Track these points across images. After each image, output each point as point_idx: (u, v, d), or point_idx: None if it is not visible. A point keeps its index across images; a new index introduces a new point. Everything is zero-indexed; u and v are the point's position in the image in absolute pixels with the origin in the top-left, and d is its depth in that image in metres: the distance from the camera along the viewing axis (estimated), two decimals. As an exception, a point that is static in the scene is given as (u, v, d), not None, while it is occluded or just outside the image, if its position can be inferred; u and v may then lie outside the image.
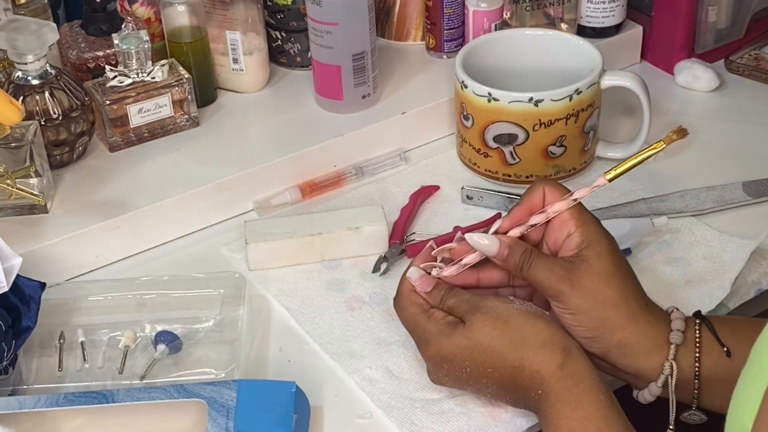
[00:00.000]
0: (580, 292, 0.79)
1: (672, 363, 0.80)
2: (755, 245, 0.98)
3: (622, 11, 1.25)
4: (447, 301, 0.82)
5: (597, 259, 0.80)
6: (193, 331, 0.92)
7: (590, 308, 0.79)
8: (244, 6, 1.15)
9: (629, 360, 0.80)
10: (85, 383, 0.88)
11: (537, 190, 0.83)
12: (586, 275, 0.80)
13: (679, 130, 0.83)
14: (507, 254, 0.81)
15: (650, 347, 0.80)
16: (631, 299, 0.81)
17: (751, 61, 1.27)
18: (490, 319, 0.79)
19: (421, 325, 0.82)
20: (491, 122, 1.06)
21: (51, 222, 1.01)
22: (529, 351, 0.78)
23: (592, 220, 0.82)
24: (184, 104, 1.11)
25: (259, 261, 1.01)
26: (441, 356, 0.81)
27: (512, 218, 0.83)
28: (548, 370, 0.77)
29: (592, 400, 0.76)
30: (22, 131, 0.99)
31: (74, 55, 1.12)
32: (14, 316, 0.86)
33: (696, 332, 0.81)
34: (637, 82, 1.08)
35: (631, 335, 0.80)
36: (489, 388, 0.81)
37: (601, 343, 0.80)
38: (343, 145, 1.12)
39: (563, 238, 0.82)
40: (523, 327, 0.79)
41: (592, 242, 0.81)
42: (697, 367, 0.80)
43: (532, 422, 0.84)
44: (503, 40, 1.14)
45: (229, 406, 0.79)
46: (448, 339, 0.80)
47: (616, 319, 0.80)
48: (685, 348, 0.80)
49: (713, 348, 0.80)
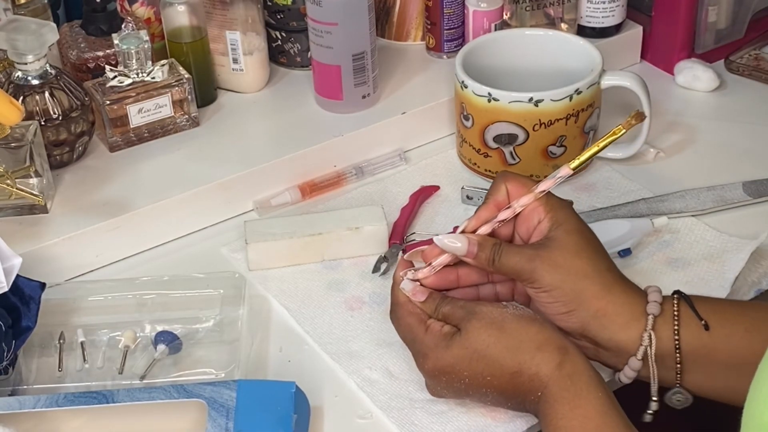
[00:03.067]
0: (552, 267, 0.80)
1: (651, 333, 0.79)
2: (755, 245, 0.98)
3: (622, 11, 1.25)
4: (442, 309, 0.82)
5: (566, 236, 0.81)
6: (193, 331, 0.92)
7: (563, 281, 0.80)
8: (244, 6, 1.15)
9: (608, 332, 0.80)
10: (85, 383, 0.88)
11: (500, 188, 0.84)
12: (555, 250, 0.80)
13: (637, 114, 0.84)
14: (477, 251, 0.82)
15: (628, 317, 0.80)
16: (604, 270, 0.81)
17: (751, 61, 1.27)
18: (485, 326, 0.79)
19: (419, 338, 0.82)
20: (491, 122, 1.06)
21: (51, 222, 1.01)
22: (525, 355, 0.78)
23: (560, 203, 0.83)
24: (184, 104, 1.11)
25: (259, 261, 1.01)
26: (439, 369, 0.81)
27: (478, 217, 0.84)
28: (546, 371, 0.77)
29: (590, 399, 0.76)
30: (22, 131, 0.99)
31: (74, 55, 1.12)
32: (14, 316, 0.86)
33: (674, 305, 0.81)
34: (637, 82, 1.08)
35: (608, 305, 0.80)
36: (489, 397, 0.81)
37: (578, 316, 0.80)
38: (343, 145, 1.12)
39: (534, 224, 0.83)
40: (518, 331, 0.79)
41: (561, 223, 0.82)
42: (676, 340, 0.80)
43: (532, 422, 0.84)
44: (503, 40, 1.14)
45: (229, 406, 0.79)
46: (446, 351, 0.80)
47: (591, 288, 0.80)
48: (663, 319, 0.80)
49: (692, 321, 0.80)
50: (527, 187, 0.83)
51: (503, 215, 0.83)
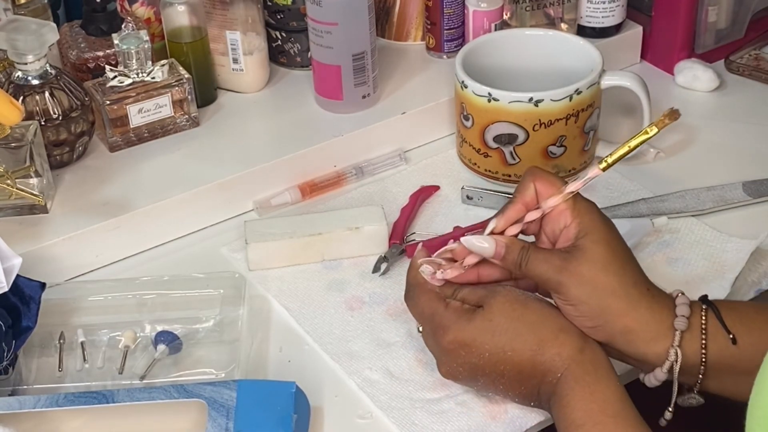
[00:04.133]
0: (579, 282, 0.79)
1: (677, 350, 0.79)
2: (755, 245, 0.98)
3: (622, 11, 1.25)
4: (460, 292, 0.83)
5: (593, 248, 0.80)
6: (193, 331, 0.92)
7: (590, 297, 0.79)
8: (244, 6, 1.15)
9: (634, 347, 0.80)
10: (85, 383, 0.88)
11: (528, 186, 0.83)
12: (583, 264, 0.79)
13: (671, 113, 0.81)
14: (504, 253, 0.81)
15: (654, 333, 0.80)
16: (630, 286, 0.80)
17: (751, 61, 1.27)
18: (510, 301, 0.80)
19: (439, 312, 0.82)
20: (491, 122, 1.06)
21: (51, 222, 1.01)
22: (549, 333, 0.79)
23: (588, 208, 0.82)
24: (184, 104, 1.11)
25: (259, 261, 1.01)
26: (459, 341, 0.80)
27: (507, 216, 0.83)
28: (568, 352, 0.78)
29: (609, 385, 0.77)
30: (22, 131, 0.99)
31: (74, 55, 1.12)
32: (14, 316, 0.86)
33: (702, 318, 0.80)
34: (637, 82, 1.08)
35: (634, 322, 0.79)
36: (504, 378, 0.80)
37: (604, 332, 0.80)
38: (343, 145, 1.12)
39: (560, 228, 0.82)
40: (541, 311, 0.80)
41: (588, 231, 0.81)
42: (703, 354, 0.79)
43: (532, 423, 0.84)
44: (503, 40, 1.14)
45: (229, 406, 0.79)
46: (468, 323, 0.80)
47: (617, 306, 0.79)
48: (690, 334, 0.79)
49: (719, 334, 0.80)
50: (555, 186, 0.82)
51: (531, 216, 0.83)
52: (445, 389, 0.87)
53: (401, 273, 0.99)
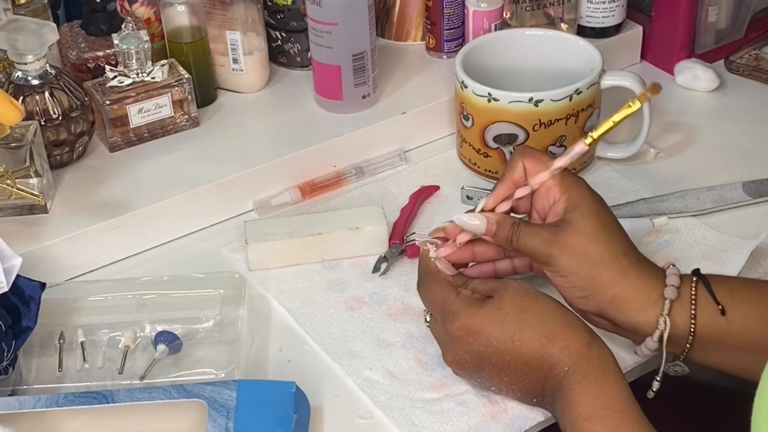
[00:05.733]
0: (568, 253, 0.81)
1: (666, 318, 0.80)
2: (755, 245, 0.98)
3: (622, 11, 1.25)
4: (471, 283, 0.84)
5: (582, 220, 0.82)
6: (193, 331, 0.92)
7: (580, 267, 0.81)
8: (244, 6, 1.15)
9: (625, 315, 0.81)
10: (85, 383, 0.88)
11: (517, 164, 0.86)
12: (572, 236, 0.81)
13: (653, 86, 0.83)
14: (495, 230, 0.83)
15: (644, 302, 0.81)
16: (620, 255, 0.82)
17: (751, 61, 1.27)
18: (520, 293, 0.81)
19: (450, 298, 0.82)
20: (491, 122, 1.06)
21: (51, 222, 1.01)
22: (557, 326, 0.79)
23: (576, 183, 0.84)
24: (184, 104, 1.11)
25: (259, 261, 1.01)
26: (468, 328, 0.81)
27: (496, 195, 0.86)
28: (576, 347, 0.78)
29: (617, 381, 0.77)
30: (22, 131, 0.99)
31: (74, 55, 1.12)
32: (14, 316, 0.86)
33: (692, 289, 0.81)
34: (637, 82, 1.08)
35: (624, 290, 0.81)
36: (510, 368, 0.80)
37: (595, 301, 0.81)
38: (343, 145, 1.12)
39: (550, 203, 0.84)
40: (551, 304, 0.81)
41: (577, 205, 0.83)
42: (692, 324, 0.80)
43: (532, 423, 0.84)
44: (503, 40, 1.14)
45: (229, 407, 0.79)
46: (479, 310, 0.81)
47: (607, 275, 0.81)
48: (680, 303, 0.81)
49: (708, 305, 0.81)
50: (543, 162, 0.85)
51: (520, 192, 0.84)
52: (445, 389, 0.87)
53: (401, 273, 0.99)
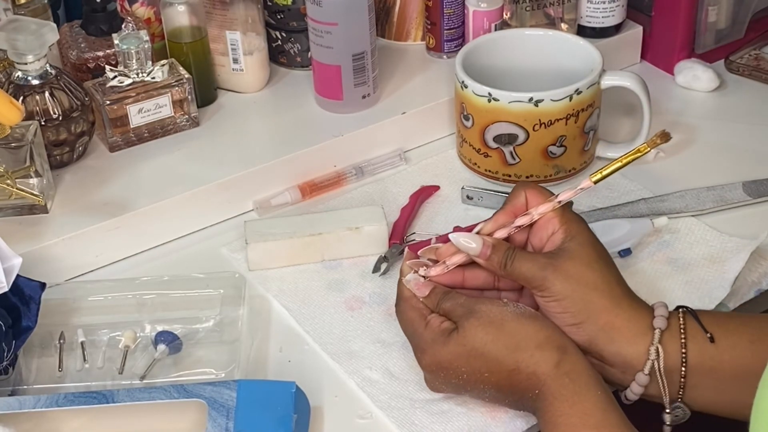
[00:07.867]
0: (563, 277, 0.80)
1: (658, 347, 0.80)
2: (755, 245, 0.98)
3: (622, 11, 1.25)
4: (443, 304, 0.83)
5: (579, 248, 0.82)
6: (193, 331, 0.92)
7: (574, 292, 0.80)
8: (244, 6, 1.15)
9: (616, 346, 0.80)
10: (85, 383, 0.88)
11: (519, 195, 0.85)
12: (568, 261, 0.81)
13: (663, 134, 0.85)
14: (490, 253, 0.82)
15: (635, 332, 0.80)
16: (614, 283, 0.82)
17: (751, 61, 1.27)
18: (483, 324, 0.80)
19: (418, 332, 0.82)
20: (491, 122, 1.06)
21: (51, 222, 1.01)
22: (524, 353, 0.78)
23: (576, 217, 0.84)
24: (184, 104, 1.11)
25: (259, 261, 1.01)
26: (437, 364, 0.81)
27: (496, 221, 0.85)
28: (544, 369, 0.78)
29: (589, 396, 0.76)
30: (22, 131, 0.99)
31: (74, 55, 1.12)
32: (14, 316, 0.86)
33: (680, 319, 0.81)
34: (637, 82, 1.08)
35: (616, 318, 0.80)
36: (487, 393, 0.81)
37: (587, 329, 0.81)
38: (343, 145, 1.12)
39: (548, 235, 0.84)
40: (517, 331, 0.79)
41: (575, 235, 0.83)
42: (683, 353, 0.80)
43: (532, 423, 0.84)
44: (503, 40, 1.14)
45: (229, 407, 0.79)
46: (443, 347, 0.80)
47: (601, 301, 0.81)
48: (669, 333, 0.80)
49: (698, 334, 0.81)
50: (546, 196, 0.85)
51: (521, 221, 0.84)
52: (445, 389, 0.87)
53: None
